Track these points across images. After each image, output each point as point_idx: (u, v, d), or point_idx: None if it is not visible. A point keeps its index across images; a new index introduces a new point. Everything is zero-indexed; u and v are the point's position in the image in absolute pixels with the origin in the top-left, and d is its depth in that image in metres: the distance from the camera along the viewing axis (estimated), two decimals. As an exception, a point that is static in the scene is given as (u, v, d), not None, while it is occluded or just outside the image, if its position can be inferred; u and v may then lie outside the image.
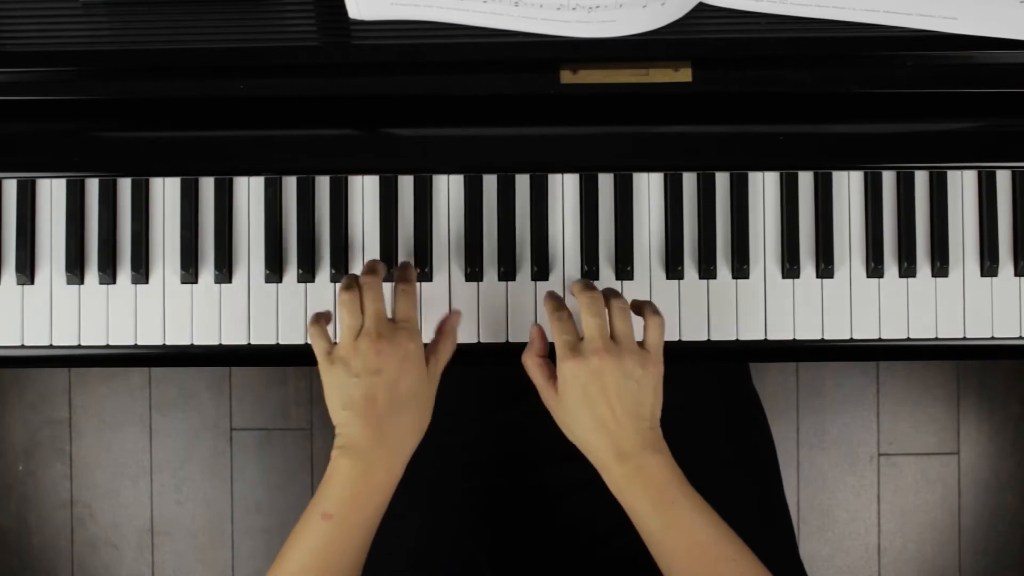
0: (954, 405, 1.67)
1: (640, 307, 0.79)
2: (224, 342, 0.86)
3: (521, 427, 0.93)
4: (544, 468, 0.92)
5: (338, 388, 0.75)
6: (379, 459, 0.73)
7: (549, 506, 0.92)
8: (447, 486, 0.93)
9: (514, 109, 0.80)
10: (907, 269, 0.85)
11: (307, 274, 0.85)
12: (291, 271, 0.86)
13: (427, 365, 0.76)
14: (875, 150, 0.80)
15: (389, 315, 0.77)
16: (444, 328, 0.81)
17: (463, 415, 0.95)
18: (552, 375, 0.77)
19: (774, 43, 0.76)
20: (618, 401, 0.73)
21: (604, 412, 0.73)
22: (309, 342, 0.80)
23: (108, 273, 0.85)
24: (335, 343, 0.77)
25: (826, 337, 0.86)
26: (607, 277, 0.85)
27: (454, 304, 0.86)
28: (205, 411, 1.68)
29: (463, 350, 0.85)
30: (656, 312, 0.78)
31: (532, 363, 0.79)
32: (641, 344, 0.76)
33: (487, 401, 0.96)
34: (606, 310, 0.76)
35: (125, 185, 0.86)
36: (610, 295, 0.78)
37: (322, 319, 0.79)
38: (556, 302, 0.79)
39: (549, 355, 0.80)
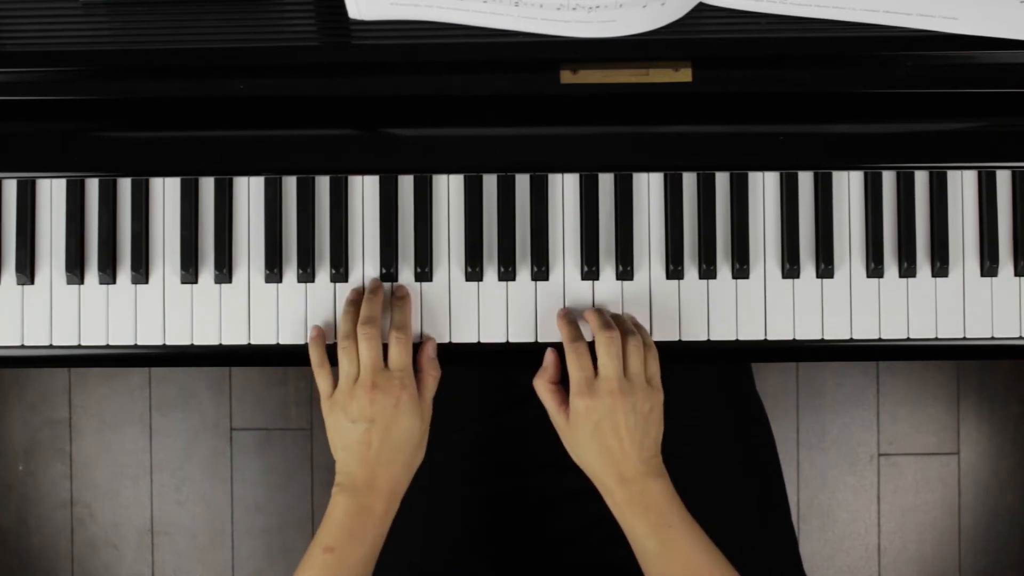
0: (954, 405, 1.67)
1: (641, 336, 0.82)
2: (224, 342, 0.85)
3: (523, 432, 0.93)
4: (546, 474, 0.92)
5: (337, 431, 0.80)
6: (374, 497, 0.78)
7: (551, 513, 0.91)
8: (448, 496, 0.93)
9: (514, 109, 0.80)
10: (907, 269, 0.85)
11: (307, 274, 0.85)
12: (291, 271, 0.86)
13: (418, 404, 0.80)
14: (875, 150, 0.80)
15: (385, 360, 0.81)
16: (423, 363, 0.83)
17: (466, 415, 0.95)
18: (564, 402, 0.81)
19: (774, 43, 0.76)
20: (627, 435, 0.77)
21: (612, 444, 0.77)
22: (311, 360, 0.84)
23: (108, 273, 0.85)
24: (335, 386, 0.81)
25: (826, 337, 0.86)
26: (607, 277, 0.85)
27: (453, 304, 0.86)
28: (205, 411, 1.68)
29: (464, 350, 0.85)
30: (650, 344, 0.82)
31: (545, 390, 0.82)
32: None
33: (488, 403, 0.96)
34: (622, 349, 0.79)
35: (125, 185, 0.86)
36: (626, 333, 0.80)
37: (322, 349, 0.83)
38: (573, 330, 0.82)
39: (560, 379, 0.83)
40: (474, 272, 0.85)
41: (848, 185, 0.86)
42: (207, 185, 0.86)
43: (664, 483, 0.78)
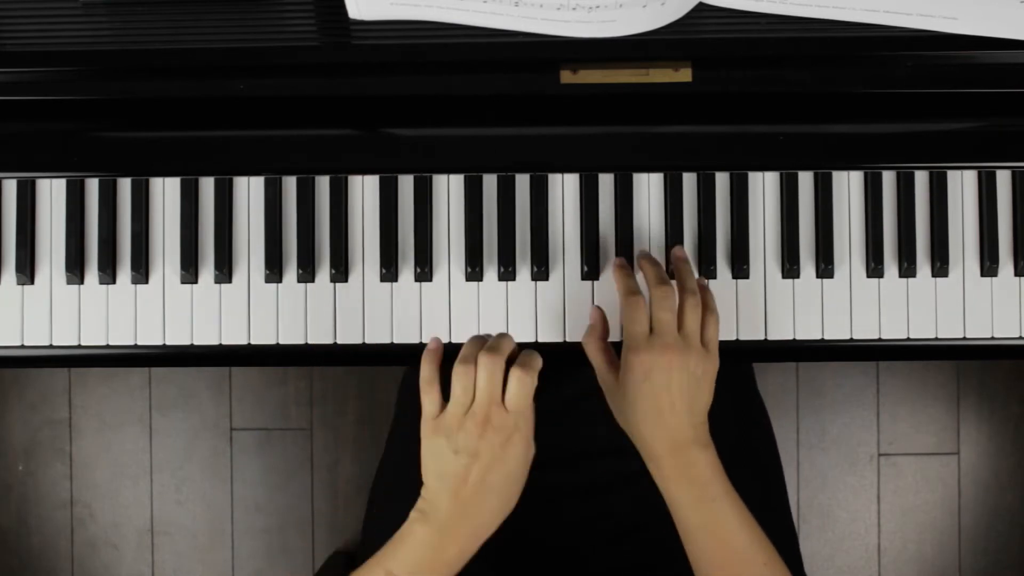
0: (954, 405, 1.67)
1: (704, 299, 0.80)
2: (224, 342, 0.85)
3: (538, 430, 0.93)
4: (551, 470, 0.92)
5: (435, 457, 0.73)
6: (455, 535, 0.72)
7: (556, 508, 0.91)
8: None
9: (514, 109, 0.80)
10: (907, 269, 0.85)
11: (307, 274, 0.85)
12: (291, 271, 0.86)
13: (528, 447, 0.74)
14: (875, 150, 0.80)
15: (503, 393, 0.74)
16: (522, 375, 0.75)
17: None
18: (614, 360, 0.78)
19: (774, 43, 0.76)
20: (679, 396, 0.74)
21: (664, 405, 0.74)
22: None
23: (108, 273, 0.85)
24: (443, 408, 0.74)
25: (826, 337, 0.86)
26: (607, 277, 0.85)
27: (453, 304, 0.86)
28: (205, 411, 1.68)
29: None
30: (714, 309, 0.79)
31: (595, 347, 0.80)
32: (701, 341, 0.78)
33: None
34: (677, 304, 0.77)
35: (125, 185, 0.86)
36: (685, 290, 0.78)
37: (435, 363, 0.76)
38: (631, 283, 0.79)
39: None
40: (474, 272, 0.85)
41: (848, 185, 0.86)
42: (207, 185, 0.86)
43: (711, 454, 0.75)
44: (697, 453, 0.74)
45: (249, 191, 0.86)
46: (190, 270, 0.85)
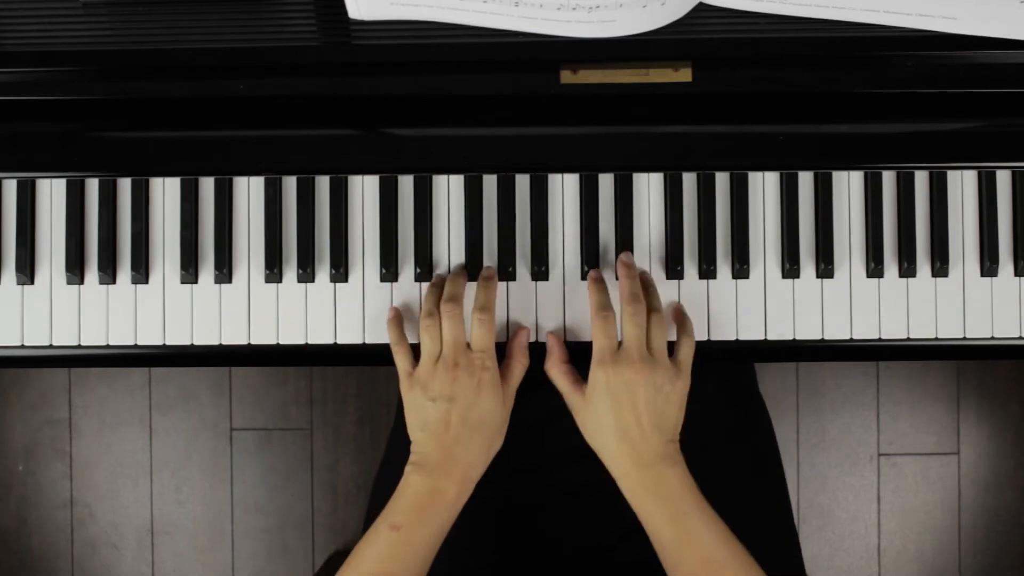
0: (954, 405, 1.67)
1: (679, 320, 0.83)
2: (224, 342, 0.86)
3: (521, 432, 0.93)
4: (543, 474, 0.92)
5: (415, 409, 0.79)
6: (448, 479, 0.76)
7: (549, 513, 0.91)
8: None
9: (514, 109, 0.80)
10: (907, 269, 0.85)
11: (307, 274, 0.85)
12: (291, 271, 0.86)
13: (500, 388, 0.79)
14: (875, 150, 0.80)
15: (468, 339, 0.80)
16: (513, 349, 0.82)
17: None
18: (577, 381, 0.80)
19: (774, 43, 0.76)
20: (645, 412, 0.76)
21: (630, 420, 0.76)
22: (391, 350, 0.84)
23: (108, 273, 0.85)
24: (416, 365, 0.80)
25: (826, 337, 0.86)
26: (607, 278, 0.85)
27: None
28: (205, 411, 1.68)
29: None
30: (690, 332, 0.82)
31: (557, 371, 0.82)
32: (672, 359, 0.80)
33: None
34: (647, 321, 0.78)
35: (125, 185, 0.86)
36: (652, 308, 0.80)
37: (400, 328, 0.83)
38: (604, 298, 0.81)
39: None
40: (474, 272, 0.85)
41: (848, 185, 0.86)
42: (207, 185, 0.86)
43: (681, 470, 0.76)
44: (664, 469, 0.76)
45: (249, 191, 0.86)
46: (190, 270, 0.85)
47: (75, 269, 0.85)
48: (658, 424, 0.76)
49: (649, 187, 0.86)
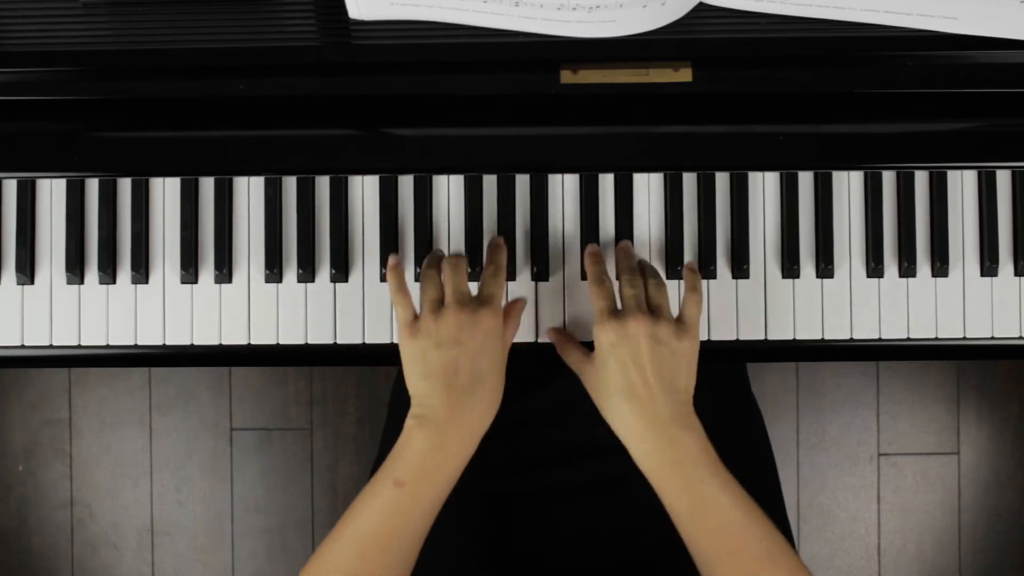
0: (954, 405, 1.67)
1: (689, 278, 0.81)
2: (224, 342, 0.86)
3: (520, 429, 0.93)
4: (540, 471, 0.92)
5: (418, 358, 0.75)
6: (455, 431, 0.73)
7: (556, 507, 0.91)
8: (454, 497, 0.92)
9: (514, 109, 0.79)
10: (907, 269, 0.85)
11: (307, 274, 0.85)
12: (291, 271, 0.86)
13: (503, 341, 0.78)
14: (875, 150, 0.80)
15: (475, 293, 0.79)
16: (511, 311, 0.82)
17: None
18: (585, 352, 0.79)
19: (774, 43, 0.76)
20: (650, 367, 0.73)
21: (635, 376, 0.73)
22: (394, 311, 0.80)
23: (108, 273, 0.85)
24: (418, 315, 0.78)
25: (826, 337, 0.86)
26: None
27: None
28: (205, 411, 1.68)
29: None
30: (695, 288, 0.79)
31: (567, 348, 0.81)
32: (678, 319, 0.78)
33: None
34: (644, 284, 0.78)
35: (125, 185, 0.86)
36: (649, 274, 0.80)
37: (402, 276, 0.79)
38: (600, 268, 0.81)
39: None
40: (475, 272, 0.85)
41: (848, 185, 0.86)
42: (207, 185, 0.86)
43: (696, 435, 0.73)
44: (678, 432, 0.73)
45: (249, 191, 0.86)
46: (190, 270, 0.85)
47: (75, 269, 0.85)
48: (666, 382, 0.73)
49: (649, 187, 0.86)
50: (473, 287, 0.83)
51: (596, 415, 0.87)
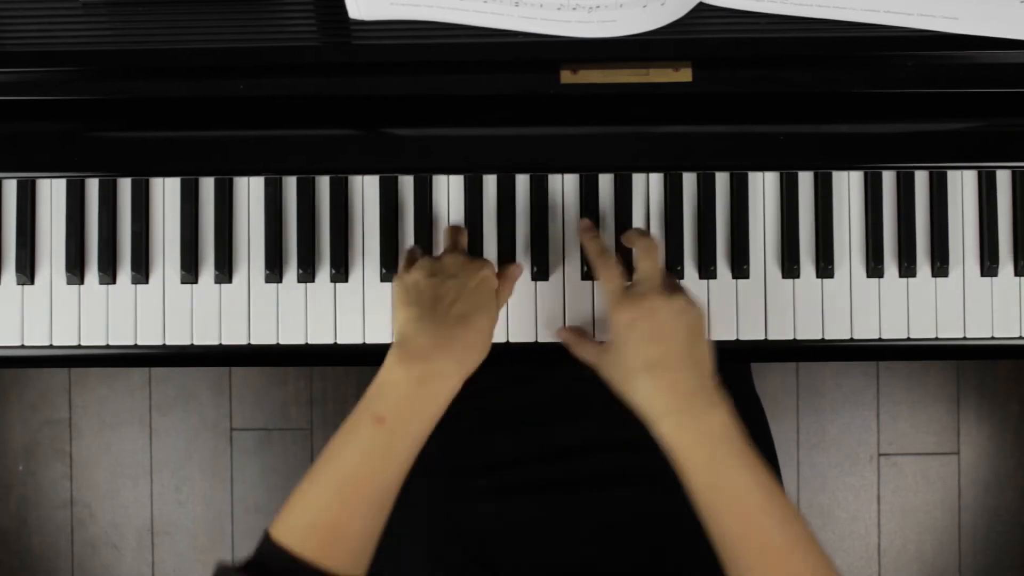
0: (954, 405, 1.67)
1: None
2: (224, 342, 0.85)
3: (514, 425, 0.93)
4: (536, 466, 0.92)
5: (408, 289, 0.74)
6: (439, 365, 0.70)
7: (541, 504, 0.91)
8: (436, 492, 0.92)
9: (514, 109, 0.80)
10: (907, 269, 0.85)
11: (307, 274, 0.85)
12: (291, 271, 0.86)
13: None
14: (875, 150, 0.80)
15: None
16: (507, 273, 0.81)
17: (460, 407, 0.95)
18: (597, 344, 0.79)
19: (774, 43, 0.76)
20: (672, 339, 0.72)
21: (657, 354, 0.71)
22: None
23: (108, 273, 0.85)
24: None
25: (826, 337, 0.86)
26: (607, 277, 0.85)
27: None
28: (205, 411, 1.68)
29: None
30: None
31: (581, 346, 0.81)
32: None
33: (480, 396, 0.95)
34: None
35: (125, 185, 0.86)
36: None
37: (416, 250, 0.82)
38: (601, 243, 0.81)
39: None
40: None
41: (848, 185, 0.86)
42: (207, 185, 0.86)
43: (723, 412, 0.70)
44: (705, 409, 0.70)
45: (249, 191, 0.86)
46: (190, 270, 0.85)
47: (75, 269, 0.85)
48: (688, 353, 0.71)
49: (649, 187, 0.86)
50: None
51: (580, 413, 0.87)
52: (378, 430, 0.69)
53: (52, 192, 0.86)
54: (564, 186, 0.86)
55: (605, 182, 0.86)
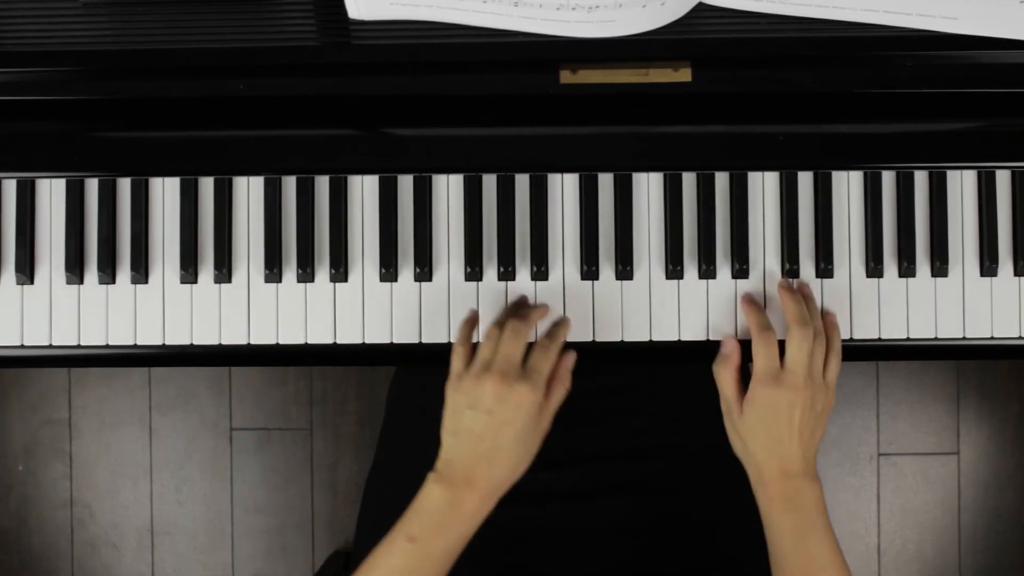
0: (954, 405, 1.67)
1: (830, 335, 0.83)
2: (224, 342, 0.85)
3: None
4: (539, 472, 0.91)
5: (454, 414, 0.78)
6: (470, 493, 0.75)
7: (543, 510, 0.91)
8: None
9: (514, 109, 0.80)
10: (907, 269, 0.85)
11: (307, 274, 0.85)
12: (291, 271, 0.86)
13: (539, 412, 0.78)
14: (875, 150, 0.80)
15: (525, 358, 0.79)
16: (560, 371, 0.81)
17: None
18: (741, 390, 0.82)
19: (774, 43, 0.76)
20: (798, 429, 0.78)
21: (783, 434, 0.78)
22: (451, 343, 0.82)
23: (108, 273, 0.85)
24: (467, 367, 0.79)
25: (826, 337, 0.85)
26: (607, 277, 0.85)
27: (453, 304, 0.86)
28: (205, 411, 1.68)
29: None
30: (838, 350, 0.83)
31: (729, 378, 0.82)
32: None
33: None
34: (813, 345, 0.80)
35: (125, 185, 0.86)
36: (817, 330, 0.81)
37: (470, 331, 0.82)
38: (763, 318, 0.82)
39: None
40: (474, 272, 0.85)
41: (848, 185, 0.86)
42: (207, 185, 0.86)
43: (817, 488, 0.79)
44: (804, 483, 0.78)
45: (249, 191, 0.86)
46: (190, 270, 0.85)
47: (75, 269, 0.85)
48: (807, 439, 0.79)
49: (649, 187, 0.86)
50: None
51: (583, 420, 0.87)
52: (409, 548, 0.74)
53: (52, 192, 0.86)
54: (564, 186, 0.86)
55: (605, 182, 0.86)
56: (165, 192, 0.86)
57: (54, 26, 0.77)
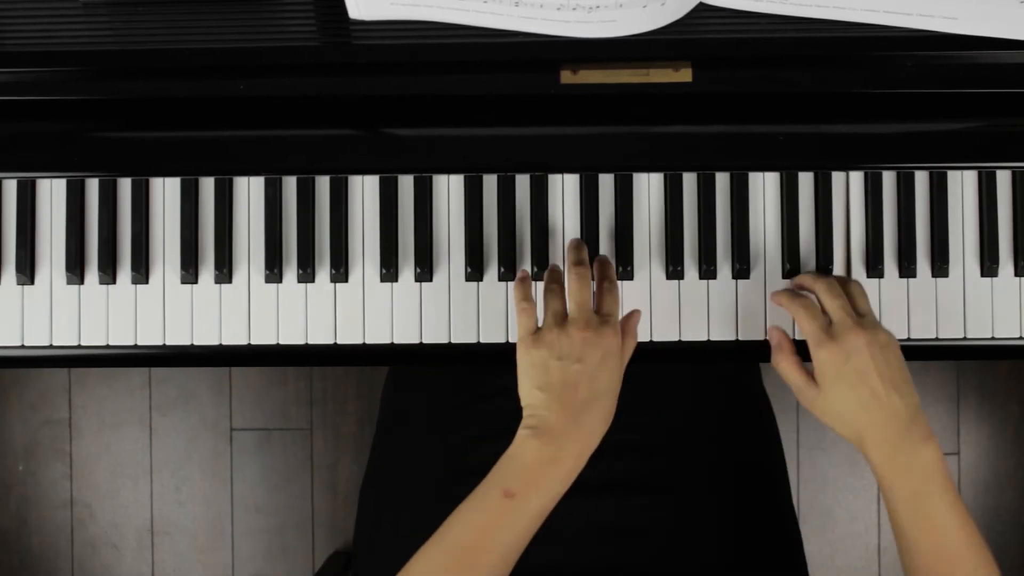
0: (954, 405, 1.67)
1: (846, 283, 0.81)
2: (224, 342, 0.85)
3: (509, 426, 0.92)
4: None
5: (537, 368, 0.75)
6: (571, 445, 0.73)
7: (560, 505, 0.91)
8: (423, 506, 0.92)
9: (514, 109, 0.79)
10: (907, 269, 0.85)
11: (307, 274, 0.85)
12: (291, 271, 0.86)
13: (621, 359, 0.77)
14: (875, 150, 0.80)
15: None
16: (628, 327, 0.80)
17: (456, 414, 0.95)
18: (809, 373, 0.79)
19: (774, 43, 0.76)
20: (877, 373, 0.74)
21: (870, 388, 0.74)
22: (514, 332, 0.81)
23: (108, 273, 0.85)
24: (539, 326, 0.78)
25: (826, 337, 0.85)
26: (607, 277, 0.85)
27: (454, 304, 0.86)
28: (205, 411, 1.68)
29: (465, 351, 0.85)
30: (863, 290, 0.80)
31: (788, 364, 0.80)
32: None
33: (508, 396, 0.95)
34: (844, 290, 0.79)
35: (125, 185, 0.86)
36: (844, 280, 0.80)
37: (528, 288, 0.80)
38: (791, 292, 0.81)
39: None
40: (474, 272, 0.85)
41: (848, 185, 0.86)
42: (207, 185, 0.86)
43: (934, 447, 0.73)
44: (916, 444, 0.73)
45: (249, 191, 0.86)
46: (190, 270, 0.85)
47: (75, 269, 0.85)
48: (894, 383, 0.74)
49: (649, 187, 0.86)
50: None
51: None
52: (507, 503, 0.70)
53: (52, 192, 0.86)
54: (564, 186, 0.86)
55: (605, 182, 0.86)
56: (166, 192, 0.86)
57: (54, 26, 0.77)
